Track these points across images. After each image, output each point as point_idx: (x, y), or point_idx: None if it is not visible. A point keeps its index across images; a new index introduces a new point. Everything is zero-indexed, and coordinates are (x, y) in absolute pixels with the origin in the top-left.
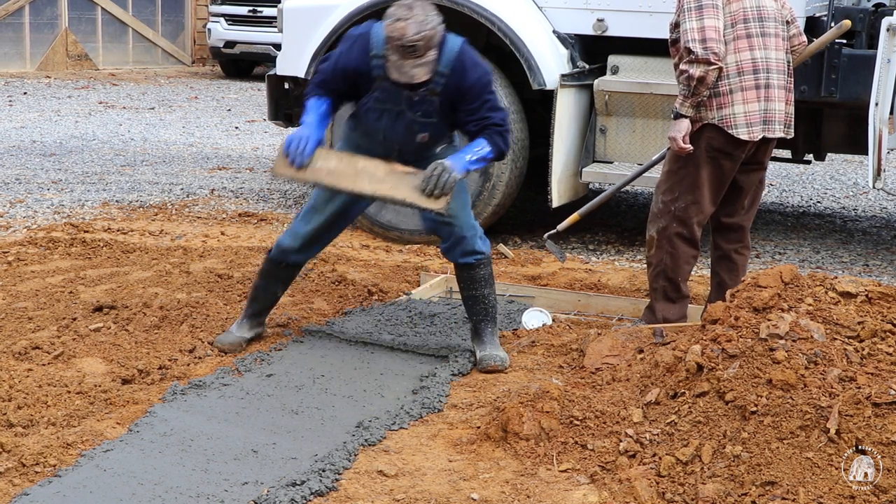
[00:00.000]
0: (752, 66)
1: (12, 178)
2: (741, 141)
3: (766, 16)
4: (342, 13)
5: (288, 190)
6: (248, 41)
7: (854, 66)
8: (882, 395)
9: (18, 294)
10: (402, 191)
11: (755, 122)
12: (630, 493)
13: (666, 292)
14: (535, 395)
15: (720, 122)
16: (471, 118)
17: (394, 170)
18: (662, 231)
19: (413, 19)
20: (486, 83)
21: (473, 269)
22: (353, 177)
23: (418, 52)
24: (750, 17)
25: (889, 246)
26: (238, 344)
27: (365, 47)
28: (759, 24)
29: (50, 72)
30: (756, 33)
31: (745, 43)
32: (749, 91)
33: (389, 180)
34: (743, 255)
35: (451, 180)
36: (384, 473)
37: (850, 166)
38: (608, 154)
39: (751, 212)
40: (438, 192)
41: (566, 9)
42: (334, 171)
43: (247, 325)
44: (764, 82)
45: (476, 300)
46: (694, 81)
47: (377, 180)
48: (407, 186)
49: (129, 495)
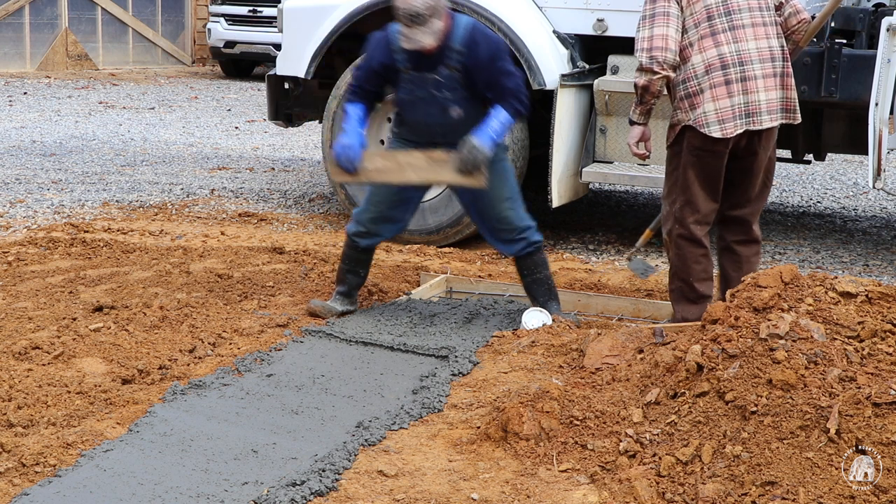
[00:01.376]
0: (721, 62)
1: (12, 178)
2: (718, 138)
3: (736, 8)
4: (342, 13)
5: (288, 190)
6: (248, 41)
7: (854, 66)
8: (882, 395)
9: (18, 294)
10: (443, 174)
11: (728, 119)
12: (630, 493)
13: (683, 293)
14: (536, 395)
15: (694, 122)
16: (489, 87)
17: (432, 157)
18: (669, 234)
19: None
20: (500, 54)
21: (534, 256)
22: (399, 171)
23: (423, 20)
24: (715, 14)
25: (889, 246)
26: (327, 310)
27: (387, 44)
28: (727, 19)
29: (50, 72)
30: (723, 28)
31: (710, 41)
32: (718, 88)
33: (431, 167)
34: (748, 246)
35: (482, 154)
36: (384, 473)
37: (850, 166)
38: (608, 154)
39: (756, 204)
40: (473, 167)
41: (566, 9)
42: (382, 169)
43: (339, 300)
44: (738, 76)
45: (539, 282)
46: (639, 90)
47: (420, 169)
48: (448, 170)
49: (129, 495)
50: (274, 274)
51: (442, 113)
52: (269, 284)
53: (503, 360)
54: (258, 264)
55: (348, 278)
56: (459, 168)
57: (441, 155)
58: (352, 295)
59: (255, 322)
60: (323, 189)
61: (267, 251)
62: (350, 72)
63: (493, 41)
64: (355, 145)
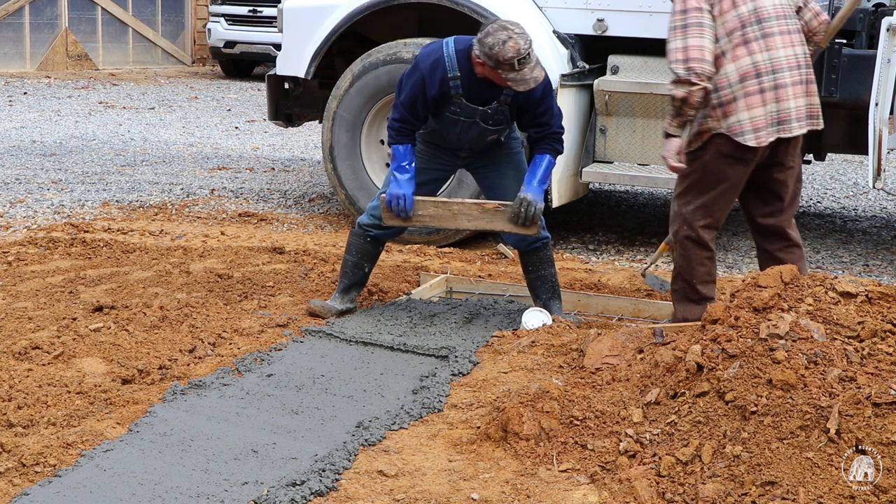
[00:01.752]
0: (755, 70)
1: (12, 178)
2: (750, 147)
3: (766, 16)
4: (342, 13)
5: (288, 190)
6: (248, 41)
7: (854, 66)
8: (882, 395)
9: (18, 294)
10: (498, 224)
11: (762, 127)
12: (630, 493)
13: (685, 293)
14: (536, 395)
15: (727, 130)
16: (535, 123)
17: (485, 208)
18: (676, 234)
19: (517, 34)
20: (549, 91)
21: (541, 252)
22: (452, 219)
23: (531, 57)
24: (747, 23)
25: (889, 246)
26: (327, 310)
27: (443, 72)
28: (759, 27)
29: (50, 72)
30: (755, 37)
31: (743, 50)
32: (753, 97)
33: (484, 217)
34: (790, 252)
35: (538, 209)
36: (384, 473)
37: (850, 166)
38: (608, 154)
39: (790, 210)
40: (528, 221)
41: (566, 9)
42: (435, 216)
43: (339, 298)
44: (770, 84)
45: (544, 279)
46: (678, 102)
47: (474, 219)
48: (501, 220)
49: (129, 495)
50: (274, 274)
51: (479, 136)
52: (269, 284)
53: (503, 360)
54: (258, 264)
55: (354, 272)
56: (516, 221)
57: (494, 205)
58: (351, 291)
59: (255, 322)
60: (323, 189)
61: (267, 251)
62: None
63: (544, 81)
64: (408, 194)
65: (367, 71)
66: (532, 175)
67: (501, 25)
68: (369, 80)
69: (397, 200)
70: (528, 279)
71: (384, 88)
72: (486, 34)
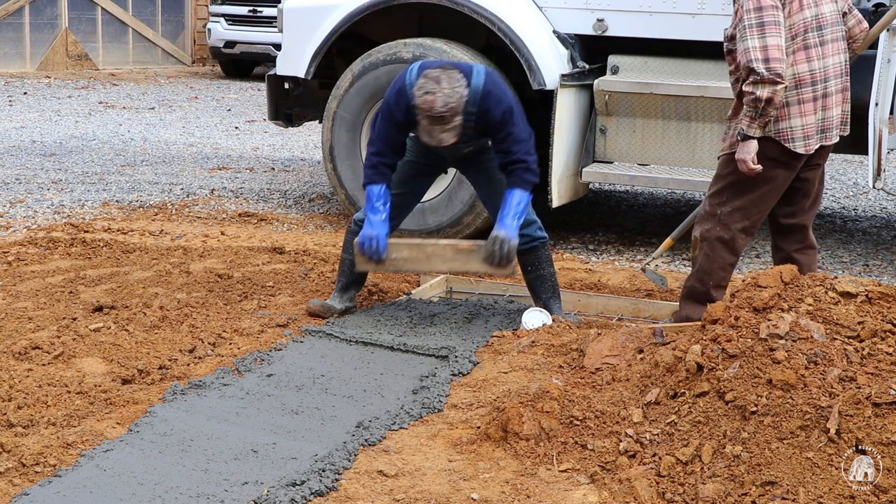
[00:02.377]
0: (811, 78)
1: (12, 178)
2: (798, 153)
3: (825, 23)
4: (342, 13)
5: (288, 190)
6: (248, 41)
7: (854, 66)
8: (882, 395)
9: (18, 294)
10: (472, 265)
11: (812, 135)
12: (630, 493)
13: (695, 293)
14: (536, 395)
15: (777, 134)
16: (498, 149)
17: (459, 249)
18: (706, 233)
19: (440, 93)
20: (509, 118)
21: (538, 252)
22: (426, 261)
23: (446, 120)
24: (810, 28)
25: (889, 246)
26: (327, 309)
27: (406, 99)
28: (819, 34)
29: (50, 72)
30: (815, 43)
31: (803, 55)
32: (807, 104)
33: (459, 258)
34: (806, 254)
35: (511, 248)
36: (384, 473)
37: (850, 166)
38: (608, 154)
39: (812, 210)
40: (503, 260)
41: (566, 9)
42: (409, 258)
43: (337, 298)
44: (822, 93)
45: (543, 279)
46: (762, 103)
47: (448, 260)
48: (476, 260)
49: (129, 495)
50: (274, 274)
51: (454, 150)
52: (269, 284)
53: (503, 360)
54: (258, 264)
55: (351, 270)
56: (488, 260)
57: (468, 245)
58: (350, 290)
59: (255, 322)
60: (323, 189)
61: (267, 251)
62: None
63: (503, 104)
64: (381, 236)
65: (367, 71)
66: (503, 212)
67: (439, 79)
68: (369, 80)
69: (370, 242)
70: (528, 279)
71: (384, 88)
72: (426, 75)
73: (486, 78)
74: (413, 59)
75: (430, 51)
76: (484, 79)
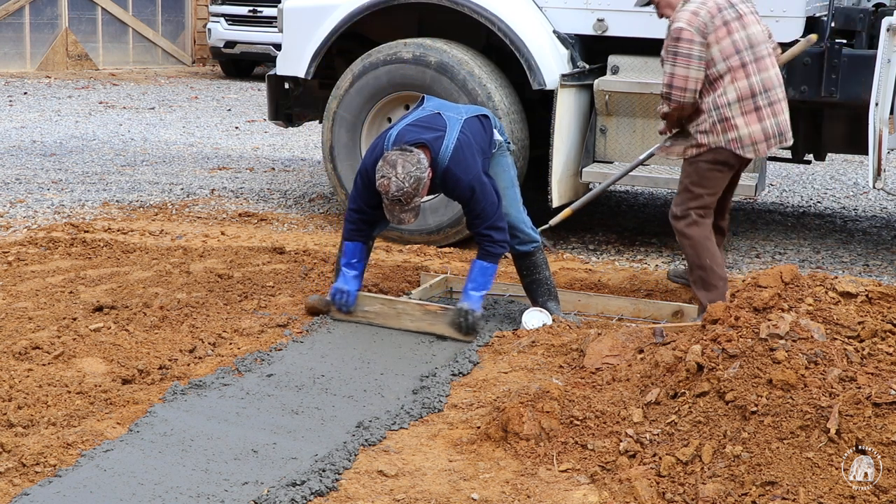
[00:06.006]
0: (751, 91)
1: (12, 178)
2: (747, 158)
3: (756, 41)
4: (342, 13)
5: (288, 190)
6: (249, 41)
7: (854, 66)
8: (882, 395)
9: (18, 294)
10: (439, 327)
11: (759, 141)
12: (630, 493)
13: (703, 281)
14: (536, 395)
15: (727, 144)
16: (465, 216)
17: (427, 310)
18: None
19: (394, 178)
20: (470, 195)
21: (534, 255)
22: (395, 317)
23: (402, 204)
24: (742, 48)
25: (889, 246)
26: (325, 304)
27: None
28: (752, 52)
29: (50, 72)
30: (749, 60)
31: (741, 72)
32: (749, 115)
33: (426, 319)
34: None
35: (475, 319)
36: (384, 473)
37: (850, 166)
38: (608, 154)
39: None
40: (469, 330)
41: (566, 9)
42: (379, 313)
43: None
44: (766, 102)
45: (539, 283)
46: (661, 113)
47: (416, 319)
48: (442, 323)
49: (129, 495)
50: (274, 274)
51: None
52: (269, 284)
53: (503, 360)
54: (258, 264)
55: None
56: (453, 327)
57: (436, 308)
58: None
59: (255, 322)
60: (323, 189)
61: (267, 251)
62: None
63: (465, 185)
64: (352, 292)
65: (367, 71)
66: (467, 285)
67: (395, 163)
68: (369, 80)
69: (341, 295)
70: (524, 283)
71: (384, 88)
72: (385, 158)
73: (452, 154)
74: (413, 59)
75: (430, 51)
76: (450, 154)
